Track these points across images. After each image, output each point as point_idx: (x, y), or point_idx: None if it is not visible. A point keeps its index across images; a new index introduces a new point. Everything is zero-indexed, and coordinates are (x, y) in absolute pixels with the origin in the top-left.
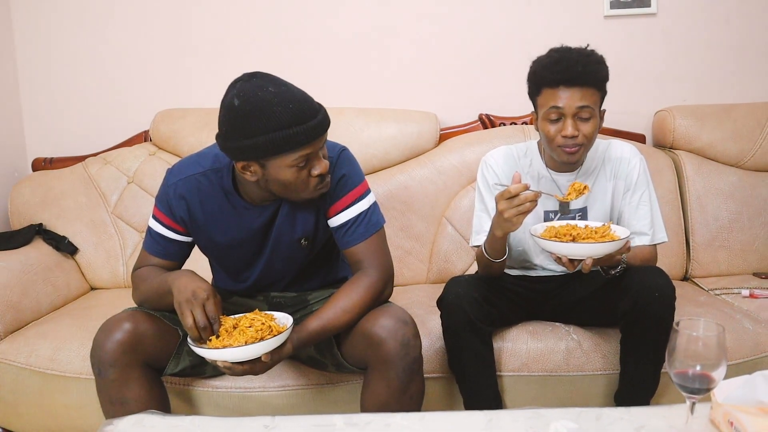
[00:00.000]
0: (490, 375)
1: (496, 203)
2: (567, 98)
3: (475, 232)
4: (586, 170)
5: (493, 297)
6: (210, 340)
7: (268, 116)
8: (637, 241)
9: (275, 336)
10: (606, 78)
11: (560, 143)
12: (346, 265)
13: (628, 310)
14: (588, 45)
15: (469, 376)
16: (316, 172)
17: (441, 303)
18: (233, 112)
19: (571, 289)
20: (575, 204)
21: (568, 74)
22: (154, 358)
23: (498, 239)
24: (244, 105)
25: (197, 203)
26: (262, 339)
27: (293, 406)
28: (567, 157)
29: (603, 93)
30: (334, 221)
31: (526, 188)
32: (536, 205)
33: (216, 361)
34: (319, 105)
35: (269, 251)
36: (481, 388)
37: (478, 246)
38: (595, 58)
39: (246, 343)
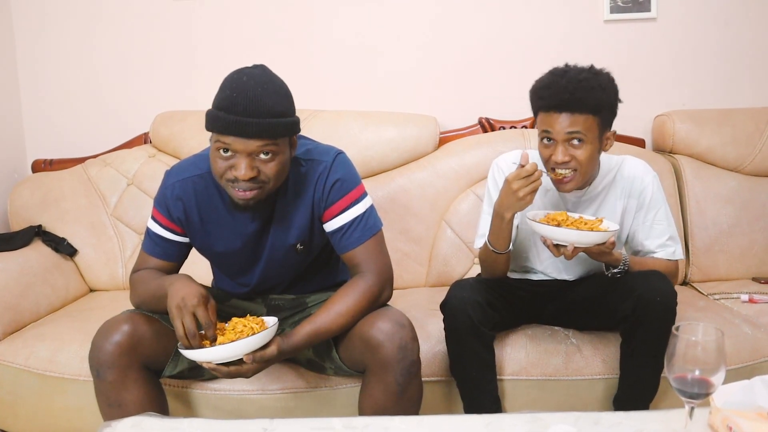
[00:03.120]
0: (491, 379)
1: (509, 184)
2: (557, 124)
3: (480, 236)
4: (594, 188)
5: (495, 301)
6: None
7: (220, 92)
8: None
9: (252, 335)
10: (602, 103)
11: (552, 166)
12: (347, 268)
13: (629, 314)
14: (591, 65)
15: (471, 381)
16: (232, 172)
17: (444, 307)
18: None
19: (572, 293)
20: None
21: (556, 101)
22: (152, 360)
23: (506, 223)
24: (226, 77)
25: (194, 205)
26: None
27: (291, 409)
28: (558, 185)
29: (603, 117)
30: (330, 225)
31: (536, 167)
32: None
33: (201, 362)
34: (272, 114)
35: (265, 257)
36: (481, 393)
37: (481, 247)
38: (588, 84)
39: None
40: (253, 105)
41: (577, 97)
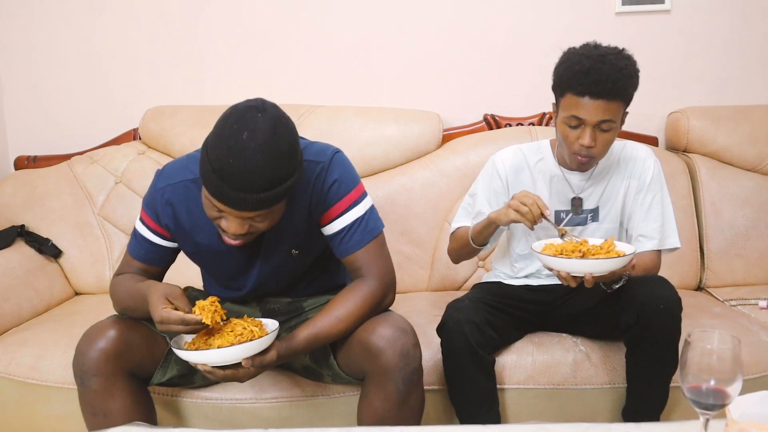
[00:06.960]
0: (492, 406)
1: (513, 198)
2: (591, 110)
3: (455, 222)
4: (600, 170)
5: (495, 319)
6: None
7: (217, 151)
8: (645, 245)
9: (254, 340)
10: (635, 90)
11: (576, 150)
12: (346, 271)
13: (632, 324)
14: (623, 49)
15: (470, 410)
16: (222, 224)
17: (441, 330)
18: (218, 119)
19: (574, 301)
20: (587, 204)
21: (596, 88)
22: (140, 367)
23: (493, 227)
24: (220, 122)
25: (184, 210)
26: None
27: (286, 419)
28: (578, 165)
29: (628, 103)
30: (329, 229)
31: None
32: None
33: (197, 364)
34: (271, 184)
35: (259, 263)
36: (481, 422)
37: (455, 230)
38: (628, 72)
39: (220, 347)
40: (250, 178)
41: (619, 86)
